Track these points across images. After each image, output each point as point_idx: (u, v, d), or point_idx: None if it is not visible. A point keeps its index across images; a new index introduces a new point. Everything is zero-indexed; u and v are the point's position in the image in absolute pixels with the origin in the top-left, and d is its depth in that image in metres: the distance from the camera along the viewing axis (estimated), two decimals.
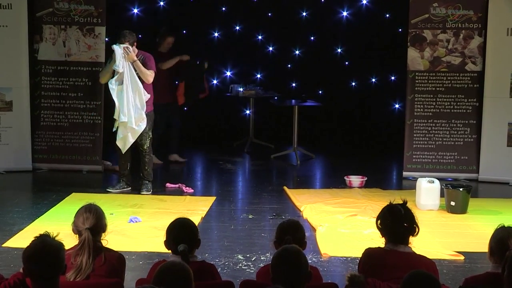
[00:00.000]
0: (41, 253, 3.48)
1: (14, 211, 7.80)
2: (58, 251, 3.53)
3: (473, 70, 9.66)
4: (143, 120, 8.42)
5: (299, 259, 3.58)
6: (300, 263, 3.57)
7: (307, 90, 12.08)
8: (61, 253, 3.55)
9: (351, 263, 6.18)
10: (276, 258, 3.59)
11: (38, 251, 3.49)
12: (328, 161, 11.34)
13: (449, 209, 7.97)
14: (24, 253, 3.54)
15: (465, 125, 9.71)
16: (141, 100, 8.39)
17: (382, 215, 4.18)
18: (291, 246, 3.71)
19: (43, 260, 3.47)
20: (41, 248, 3.50)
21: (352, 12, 12.36)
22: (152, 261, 5.15)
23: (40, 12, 9.76)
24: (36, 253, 3.49)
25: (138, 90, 8.37)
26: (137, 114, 8.38)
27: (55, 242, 3.56)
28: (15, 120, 9.67)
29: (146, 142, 8.62)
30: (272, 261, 3.61)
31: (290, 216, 7.59)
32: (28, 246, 3.55)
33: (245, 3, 12.36)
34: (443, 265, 6.09)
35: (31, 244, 3.55)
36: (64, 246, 3.62)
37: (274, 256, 3.63)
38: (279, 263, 3.57)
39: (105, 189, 8.77)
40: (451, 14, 9.63)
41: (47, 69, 9.84)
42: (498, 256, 3.94)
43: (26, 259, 3.52)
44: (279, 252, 3.63)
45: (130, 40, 8.44)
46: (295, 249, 3.64)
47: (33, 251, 3.50)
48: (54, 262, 3.49)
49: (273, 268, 3.58)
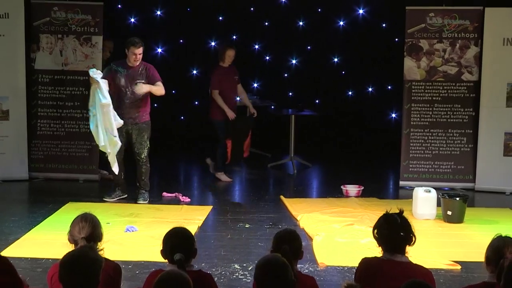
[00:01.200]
0: (74, 262, 3.46)
1: (10, 220, 7.79)
2: (92, 264, 3.49)
3: (470, 79, 9.68)
4: (116, 144, 8.26)
5: (284, 270, 3.54)
6: (285, 272, 3.53)
7: (303, 99, 12.09)
8: (95, 267, 3.50)
9: (348, 272, 6.17)
10: (259, 269, 3.57)
11: (72, 260, 3.47)
12: (324, 170, 11.34)
13: (446, 218, 7.97)
14: (61, 259, 3.52)
15: (461, 135, 9.72)
16: (110, 124, 8.17)
17: (379, 224, 4.18)
18: (274, 257, 3.66)
19: (74, 269, 3.45)
20: (76, 257, 3.49)
21: (348, 21, 12.41)
22: (149, 271, 5.13)
23: (37, 21, 9.77)
24: (69, 261, 3.47)
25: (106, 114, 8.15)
26: (107, 138, 8.20)
27: (92, 255, 3.54)
28: (11, 129, 9.66)
29: (144, 151, 8.59)
30: (256, 273, 3.58)
31: (286, 225, 7.57)
32: (67, 253, 3.54)
33: (242, 13, 12.39)
34: (439, 275, 6.09)
35: (70, 252, 3.53)
36: (102, 262, 3.59)
37: (256, 266, 3.60)
38: (263, 274, 3.54)
39: (102, 198, 8.75)
40: (447, 24, 9.65)
41: (44, 78, 9.83)
42: (495, 265, 3.93)
43: (60, 265, 3.50)
44: (262, 263, 3.60)
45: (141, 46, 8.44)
46: (279, 260, 3.59)
47: (68, 259, 3.49)
48: (86, 274, 3.46)
49: (257, 279, 3.56)
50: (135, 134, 8.55)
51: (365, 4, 12.29)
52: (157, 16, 12.40)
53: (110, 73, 8.44)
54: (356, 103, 12.57)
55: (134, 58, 8.41)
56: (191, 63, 12.56)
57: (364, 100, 12.53)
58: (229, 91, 9.89)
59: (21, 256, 6.48)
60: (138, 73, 8.46)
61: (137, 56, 8.41)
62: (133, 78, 8.42)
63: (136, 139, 8.55)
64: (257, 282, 3.56)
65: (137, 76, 8.44)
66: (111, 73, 8.43)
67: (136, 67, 8.46)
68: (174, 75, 12.06)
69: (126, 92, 8.46)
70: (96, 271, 3.49)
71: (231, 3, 12.20)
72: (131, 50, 8.39)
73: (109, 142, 8.17)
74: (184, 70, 12.52)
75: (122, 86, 8.42)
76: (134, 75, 8.43)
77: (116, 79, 8.41)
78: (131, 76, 8.42)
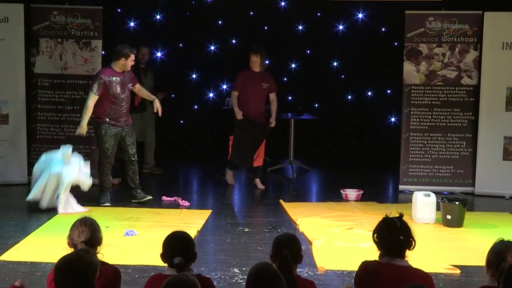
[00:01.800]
0: (69, 266, 3.45)
1: (9, 224, 7.78)
2: (87, 268, 3.47)
3: (469, 84, 9.68)
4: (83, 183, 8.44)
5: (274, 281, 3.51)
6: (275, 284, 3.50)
7: (303, 104, 12.10)
8: (90, 271, 3.48)
9: (347, 276, 6.17)
10: (250, 279, 3.55)
11: (67, 263, 3.46)
12: (324, 174, 11.34)
13: (445, 222, 7.97)
14: (56, 263, 3.51)
15: (461, 139, 9.72)
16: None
17: (378, 228, 4.17)
18: (265, 266, 3.63)
19: (69, 273, 3.43)
20: (71, 261, 3.47)
21: (348, 25, 12.42)
22: (148, 275, 5.13)
23: (36, 25, 9.78)
24: (64, 265, 3.46)
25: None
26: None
27: (88, 258, 3.52)
28: (11, 133, 9.67)
29: (135, 151, 8.82)
30: (247, 280, 3.57)
31: (286, 230, 7.58)
32: (62, 256, 3.53)
33: (242, 17, 12.40)
34: (439, 279, 6.08)
35: (65, 255, 3.52)
36: (98, 265, 3.57)
37: (248, 275, 3.57)
38: (253, 284, 3.53)
39: (99, 203, 8.71)
40: (446, 28, 9.66)
41: (44, 82, 9.84)
42: (495, 269, 3.93)
43: (55, 268, 3.49)
44: (253, 273, 3.56)
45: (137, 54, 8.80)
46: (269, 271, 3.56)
47: (63, 262, 3.47)
48: (81, 278, 3.44)
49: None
50: (129, 136, 8.76)
51: (364, 8, 12.29)
52: (156, 20, 12.41)
53: (103, 87, 8.48)
54: (355, 107, 12.57)
55: (132, 65, 8.70)
56: (191, 67, 12.56)
57: (363, 104, 12.53)
58: (252, 95, 9.75)
59: (20, 260, 6.47)
60: (126, 78, 8.66)
61: (133, 62, 8.70)
62: (124, 84, 8.62)
63: (129, 140, 8.75)
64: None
65: (127, 80, 8.67)
66: (104, 86, 8.48)
67: (123, 73, 8.63)
68: (173, 79, 12.07)
69: (123, 99, 8.62)
70: (91, 274, 3.48)
71: (230, 7, 12.21)
72: (131, 58, 8.58)
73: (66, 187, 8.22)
74: (183, 74, 12.53)
75: (118, 94, 8.55)
76: (126, 81, 8.65)
77: (111, 89, 8.51)
78: (123, 82, 8.60)
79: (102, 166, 8.75)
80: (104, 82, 8.47)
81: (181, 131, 12.66)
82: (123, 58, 8.53)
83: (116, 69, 8.57)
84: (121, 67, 8.57)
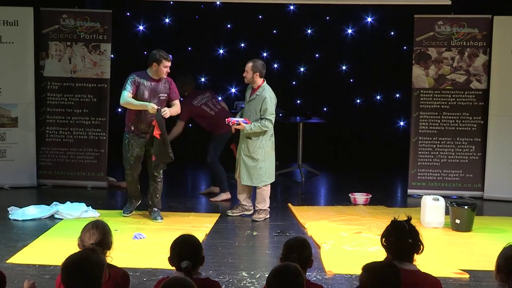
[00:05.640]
0: (75, 265, 3.44)
1: (18, 227, 7.81)
2: (93, 267, 3.46)
3: (478, 88, 9.66)
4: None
5: (295, 276, 3.55)
6: (296, 279, 3.54)
7: (311, 107, 12.10)
8: (97, 270, 3.46)
9: (356, 280, 6.14)
10: (273, 276, 3.58)
11: (73, 262, 3.46)
12: (332, 178, 11.33)
13: (454, 227, 7.95)
14: (63, 262, 3.51)
15: (470, 143, 9.70)
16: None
17: (387, 232, 4.16)
18: (288, 265, 3.67)
19: (75, 272, 3.42)
20: (77, 260, 3.47)
21: (357, 29, 12.41)
22: (156, 278, 5.14)
23: (46, 29, 9.82)
24: (71, 264, 3.45)
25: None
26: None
27: (94, 258, 3.50)
28: (20, 136, 9.70)
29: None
30: (269, 278, 3.59)
31: (294, 233, 7.58)
32: (69, 256, 3.52)
33: (250, 20, 12.41)
34: (448, 283, 6.07)
35: (71, 255, 3.52)
36: (105, 265, 3.56)
37: (270, 272, 3.61)
38: (274, 279, 3.55)
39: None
40: (456, 32, 9.65)
41: (53, 85, 9.87)
42: (505, 273, 3.91)
43: (61, 268, 3.48)
44: (275, 270, 3.60)
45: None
46: (291, 267, 3.61)
47: (69, 262, 3.47)
48: (87, 277, 3.43)
49: (269, 284, 3.57)
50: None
51: (373, 12, 12.29)
52: (165, 23, 12.43)
53: (134, 85, 8.03)
54: (364, 111, 12.55)
55: (166, 71, 8.12)
56: (199, 71, 12.58)
57: (372, 108, 12.52)
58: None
59: (29, 263, 6.49)
60: (161, 87, 8.15)
61: (168, 69, 8.13)
62: (156, 91, 8.10)
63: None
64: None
65: (160, 90, 8.14)
66: (135, 85, 8.03)
67: (159, 81, 8.14)
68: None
69: None
70: (97, 274, 3.47)
71: (239, 11, 12.22)
72: (163, 63, 8.02)
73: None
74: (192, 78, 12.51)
75: (145, 100, 8.03)
76: (157, 89, 8.11)
77: (139, 92, 8.04)
78: (155, 89, 8.10)
79: (125, 175, 8.35)
80: (135, 81, 8.00)
81: (190, 135, 12.66)
82: (155, 64, 8.01)
83: (150, 74, 8.09)
84: (154, 73, 8.05)
